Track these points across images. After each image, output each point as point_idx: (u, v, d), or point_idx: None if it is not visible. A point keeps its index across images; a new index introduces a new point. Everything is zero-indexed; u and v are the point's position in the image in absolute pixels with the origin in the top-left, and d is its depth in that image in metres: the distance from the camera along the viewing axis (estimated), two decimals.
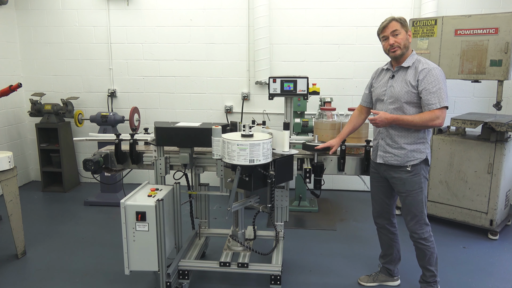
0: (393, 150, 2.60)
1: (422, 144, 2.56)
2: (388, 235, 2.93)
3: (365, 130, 2.92)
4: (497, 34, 3.60)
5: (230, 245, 3.06)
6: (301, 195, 4.62)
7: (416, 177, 2.57)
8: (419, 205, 2.61)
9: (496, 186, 3.68)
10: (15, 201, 3.34)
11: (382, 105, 2.63)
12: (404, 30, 2.53)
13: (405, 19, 2.57)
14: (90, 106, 5.36)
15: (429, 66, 2.47)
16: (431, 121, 2.43)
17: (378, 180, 2.80)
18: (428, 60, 2.55)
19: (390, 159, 2.62)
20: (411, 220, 2.66)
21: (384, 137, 2.64)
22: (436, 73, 2.45)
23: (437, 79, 2.43)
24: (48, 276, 3.15)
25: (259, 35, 4.84)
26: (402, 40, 2.52)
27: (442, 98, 2.42)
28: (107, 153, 3.02)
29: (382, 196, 2.83)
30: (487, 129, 3.67)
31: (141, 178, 5.19)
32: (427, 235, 2.65)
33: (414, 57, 2.56)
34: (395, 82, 2.58)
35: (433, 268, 2.72)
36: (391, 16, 2.59)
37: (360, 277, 3.09)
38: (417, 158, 2.55)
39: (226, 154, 2.44)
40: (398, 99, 2.54)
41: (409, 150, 2.55)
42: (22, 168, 5.44)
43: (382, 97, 2.64)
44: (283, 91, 3.06)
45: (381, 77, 2.71)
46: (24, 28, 5.27)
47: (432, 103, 2.42)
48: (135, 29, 5.12)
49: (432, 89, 2.42)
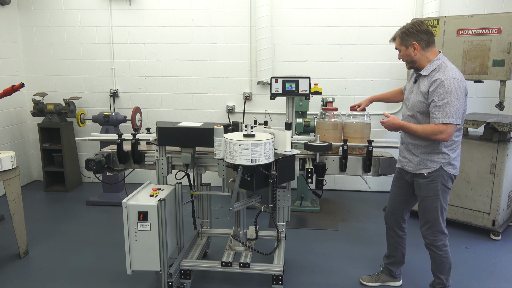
0: (409, 156, 2.61)
1: (437, 154, 2.48)
2: (395, 238, 2.92)
3: (367, 130, 2.91)
4: (500, 34, 3.59)
5: (232, 245, 3.07)
6: (303, 195, 4.62)
7: (432, 184, 2.52)
8: (433, 212, 2.56)
9: (498, 186, 3.67)
10: (17, 201, 3.35)
11: (405, 108, 2.65)
12: (403, 46, 2.50)
13: (408, 30, 2.47)
14: (92, 106, 5.38)
15: (444, 77, 2.34)
16: (434, 135, 2.36)
17: (399, 181, 2.80)
18: (451, 68, 2.39)
19: (405, 165, 2.65)
20: (424, 225, 2.64)
21: (403, 143, 2.66)
22: (449, 84, 2.31)
23: (447, 92, 2.30)
24: (50, 276, 3.16)
25: (261, 35, 4.84)
26: (403, 57, 2.55)
27: (447, 113, 2.30)
28: (109, 153, 3.02)
29: (398, 198, 2.83)
30: (490, 129, 3.66)
31: (143, 178, 5.19)
32: (439, 243, 2.61)
33: (435, 64, 2.44)
34: (415, 88, 2.54)
35: (443, 277, 2.68)
36: (397, 30, 2.55)
37: (362, 276, 3.09)
38: (430, 167, 2.51)
39: (228, 154, 2.44)
40: (413, 107, 2.52)
41: (422, 158, 2.53)
42: (25, 167, 5.46)
43: (406, 101, 2.64)
44: (285, 91, 3.06)
45: (412, 79, 2.65)
46: (26, 28, 5.29)
47: (435, 117, 2.35)
48: (137, 29, 5.13)
49: (439, 102, 2.33)
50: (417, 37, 2.46)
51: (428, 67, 2.47)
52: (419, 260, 3.21)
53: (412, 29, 2.46)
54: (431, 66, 2.46)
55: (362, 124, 2.89)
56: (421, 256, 3.09)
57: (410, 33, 2.47)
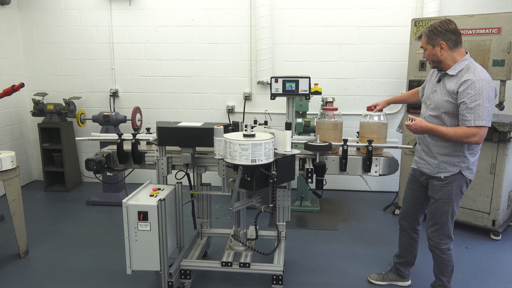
0: (427, 158, 2.55)
1: (457, 157, 2.43)
2: (408, 239, 2.90)
3: (384, 130, 2.88)
4: (500, 34, 3.58)
5: (232, 245, 3.07)
6: (303, 195, 4.62)
7: (447, 187, 2.48)
8: (443, 215, 2.52)
9: (498, 186, 3.67)
10: (17, 201, 3.35)
11: (425, 108, 2.58)
12: (430, 45, 2.42)
13: (436, 29, 2.38)
14: (92, 106, 5.38)
15: (474, 78, 2.27)
16: (466, 138, 2.29)
17: (413, 183, 2.77)
18: (480, 69, 2.34)
19: (422, 166, 2.60)
20: (431, 227, 2.60)
21: (422, 143, 2.61)
22: (480, 86, 2.25)
23: (479, 93, 2.24)
24: (50, 276, 3.16)
25: (261, 35, 4.84)
26: (428, 56, 2.47)
27: (479, 115, 2.24)
28: (109, 153, 3.02)
29: (412, 200, 2.80)
30: (490, 129, 3.64)
31: (143, 178, 5.20)
32: (444, 247, 2.58)
33: (463, 64, 2.37)
34: (439, 88, 2.46)
35: (444, 279, 2.66)
36: (424, 28, 2.47)
37: (370, 275, 3.10)
38: (449, 171, 2.45)
39: (228, 154, 2.44)
40: (437, 107, 2.44)
41: (441, 161, 2.47)
42: (25, 167, 5.46)
43: (427, 101, 2.56)
44: (285, 91, 3.06)
45: (433, 77, 2.58)
46: (26, 28, 5.29)
47: (467, 119, 2.27)
48: (137, 29, 5.13)
49: (471, 104, 2.25)
50: (445, 36, 2.37)
51: (455, 66, 2.39)
52: (423, 260, 3.19)
53: (441, 28, 2.37)
54: (458, 66, 2.38)
55: (378, 124, 2.83)
56: (425, 256, 3.08)
57: (438, 32, 2.38)
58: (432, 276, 2.75)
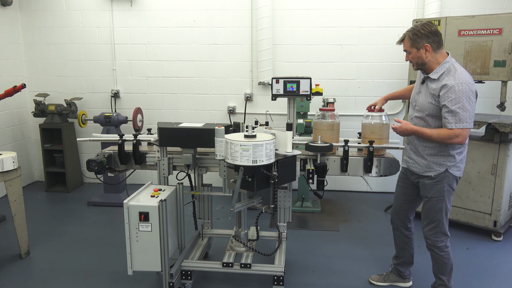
0: (416, 157, 2.61)
1: (443, 157, 2.48)
2: (402, 238, 2.92)
3: (386, 130, 2.88)
4: (501, 35, 3.58)
5: (233, 245, 3.07)
6: (304, 195, 4.62)
7: (438, 184, 2.52)
8: (437, 213, 2.56)
9: (499, 187, 3.66)
10: (19, 201, 3.36)
11: (412, 109, 2.63)
12: (415, 48, 2.45)
13: (420, 32, 2.41)
14: (93, 106, 5.39)
15: (454, 81, 2.32)
16: (450, 139, 2.35)
17: (404, 181, 2.81)
18: (460, 72, 2.37)
19: (412, 166, 2.65)
20: (427, 226, 2.63)
21: (410, 143, 2.66)
22: (460, 89, 2.30)
23: (459, 97, 2.29)
24: (52, 276, 3.17)
25: (262, 35, 4.85)
26: (413, 59, 2.50)
27: (460, 118, 2.31)
28: (110, 154, 3.03)
29: (402, 198, 2.84)
30: (491, 130, 3.65)
31: (144, 178, 5.20)
32: (441, 245, 2.60)
33: (444, 67, 2.41)
34: (423, 89, 2.51)
35: (445, 278, 2.67)
36: (405, 31, 2.50)
37: (371, 276, 3.10)
38: (437, 170, 2.51)
39: (229, 154, 2.44)
40: (422, 109, 2.50)
41: (430, 161, 2.52)
42: (26, 168, 5.47)
43: (413, 102, 2.62)
44: (286, 92, 3.05)
45: (419, 79, 2.61)
46: (28, 29, 5.30)
47: (449, 122, 2.34)
48: (138, 30, 5.14)
49: (452, 107, 2.31)
50: (429, 39, 2.40)
51: (437, 70, 2.43)
52: (422, 261, 3.19)
53: (424, 31, 2.40)
54: (440, 69, 2.42)
55: (380, 124, 2.83)
56: (423, 257, 3.08)
57: (422, 35, 2.40)
58: (432, 277, 2.75)
